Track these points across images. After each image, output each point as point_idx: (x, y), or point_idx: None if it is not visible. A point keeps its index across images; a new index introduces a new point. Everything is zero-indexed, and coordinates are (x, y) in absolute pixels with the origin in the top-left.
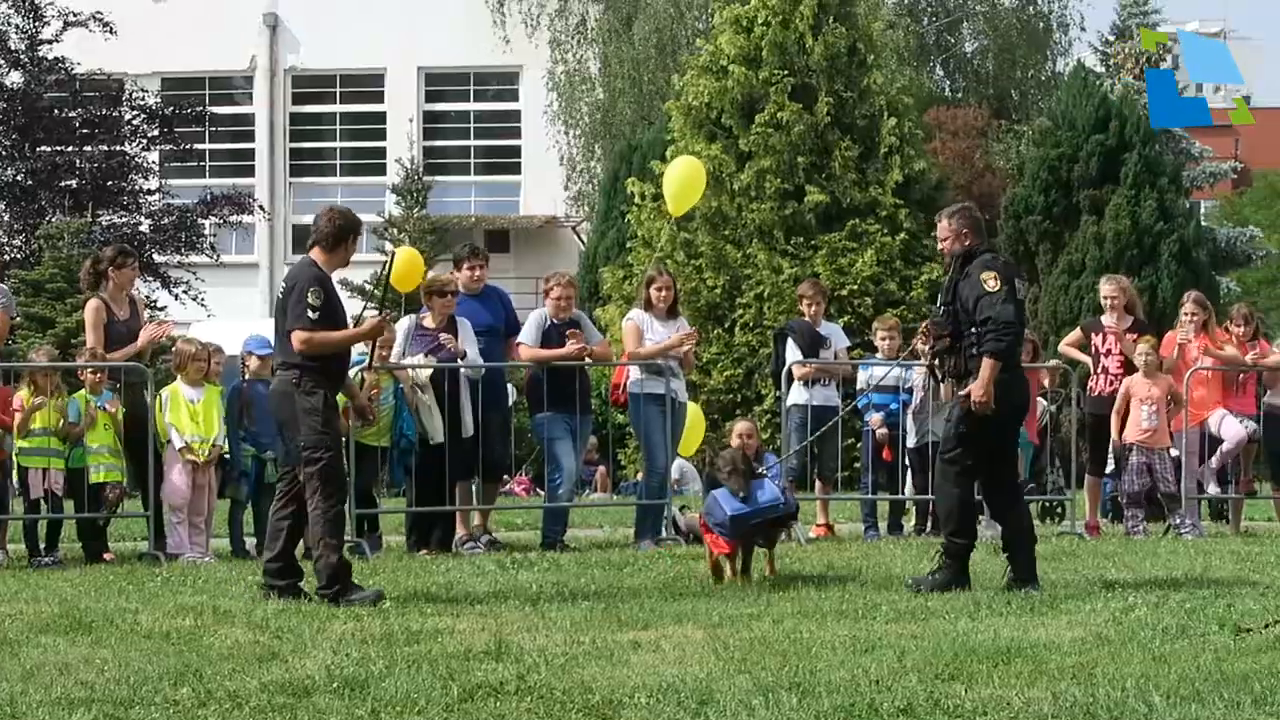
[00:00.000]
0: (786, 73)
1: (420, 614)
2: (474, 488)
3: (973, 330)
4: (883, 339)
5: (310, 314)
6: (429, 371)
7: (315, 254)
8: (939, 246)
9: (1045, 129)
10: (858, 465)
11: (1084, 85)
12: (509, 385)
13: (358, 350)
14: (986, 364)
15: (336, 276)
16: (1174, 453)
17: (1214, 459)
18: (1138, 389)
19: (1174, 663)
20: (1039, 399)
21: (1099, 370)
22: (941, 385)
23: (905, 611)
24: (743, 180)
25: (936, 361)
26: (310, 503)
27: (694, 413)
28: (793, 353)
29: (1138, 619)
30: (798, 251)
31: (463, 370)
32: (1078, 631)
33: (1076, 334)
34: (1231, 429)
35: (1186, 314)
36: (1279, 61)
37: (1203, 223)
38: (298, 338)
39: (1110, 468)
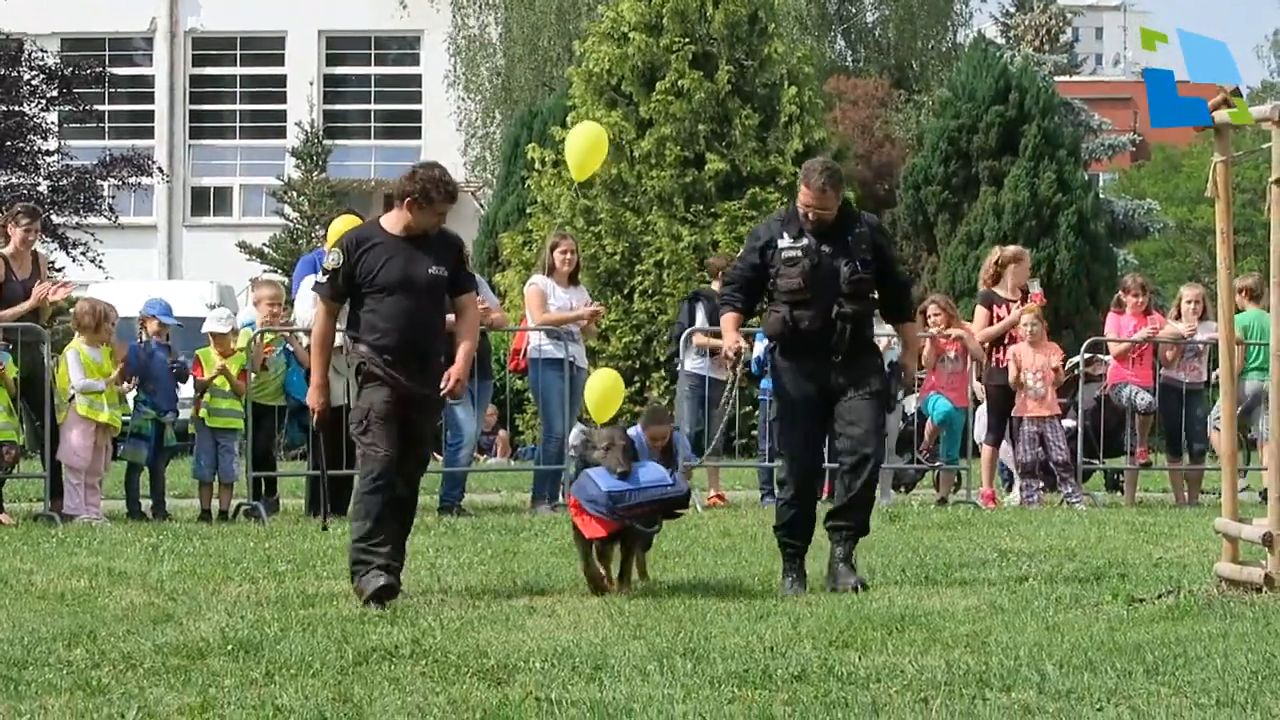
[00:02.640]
0: (687, 40)
1: (316, 577)
2: None
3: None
4: None
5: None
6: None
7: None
8: (809, 214)
9: (945, 100)
10: (755, 433)
11: (984, 56)
12: None
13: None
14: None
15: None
16: (1067, 423)
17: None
18: (1025, 359)
19: (1067, 632)
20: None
21: (1006, 341)
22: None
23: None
24: (643, 147)
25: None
26: None
27: (611, 378)
28: (700, 320)
29: (1031, 588)
30: (697, 219)
31: None
32: (972, 600)
33: (982, 314)
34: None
35: (1189, 301)
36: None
37: (1101, 195)
38: None
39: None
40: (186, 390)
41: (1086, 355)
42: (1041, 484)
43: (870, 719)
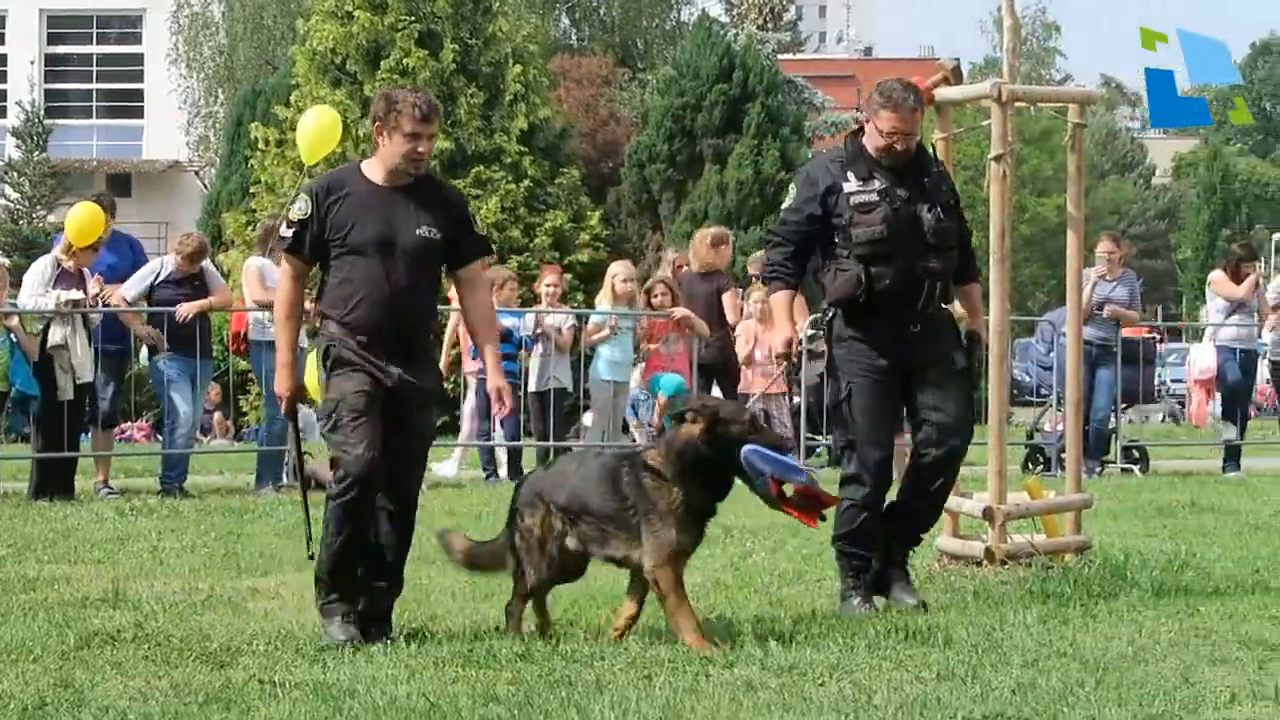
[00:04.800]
0: (412, 19)
1: (37, 561)
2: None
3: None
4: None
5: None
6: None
7: None
8: (895, 143)
9: (669, 78)
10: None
11: (708, 35)
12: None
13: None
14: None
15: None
16: (796, 400)
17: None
18: (751, 337)
19: (790, 607)
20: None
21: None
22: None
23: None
24: (367, 126)
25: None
26: None
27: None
28: None
29: (755, 564)
30: None
31: (89, 317)
32: (696, 577)
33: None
34: None
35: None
36: (896, 13)
37: None
38: None
39: None
40: None
41: (810, 332)
42: None
43: (594, 697)
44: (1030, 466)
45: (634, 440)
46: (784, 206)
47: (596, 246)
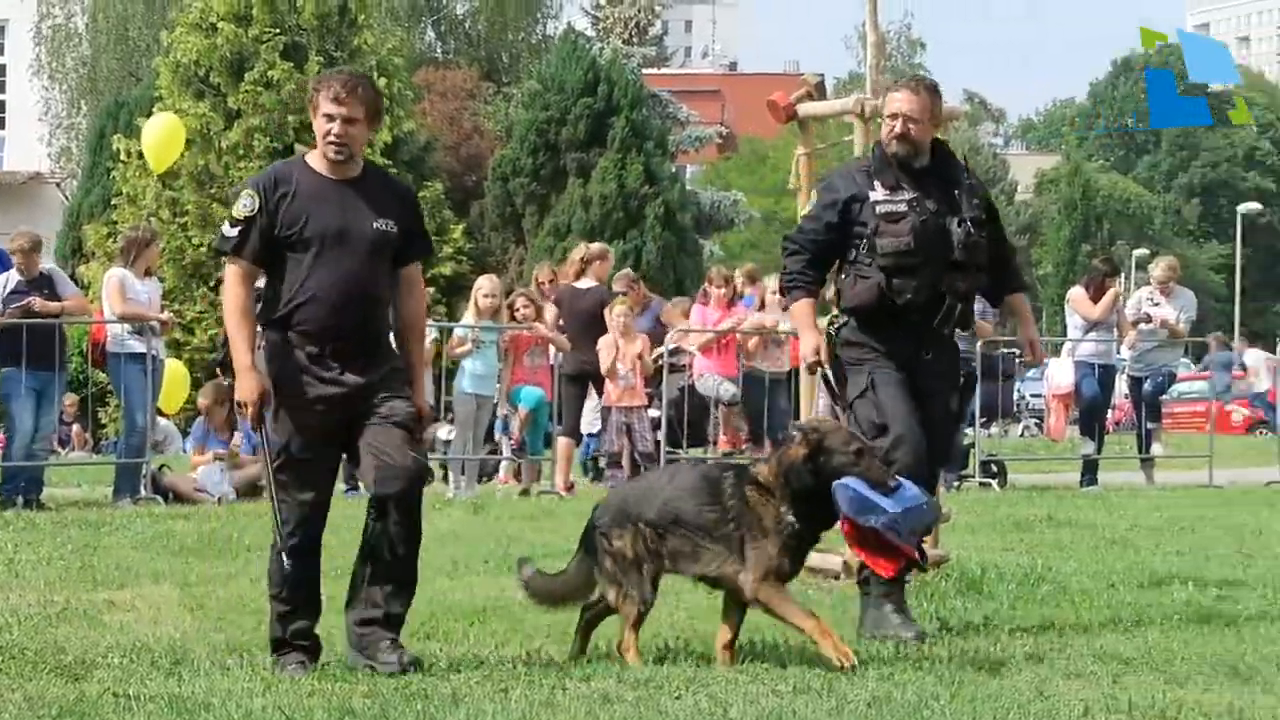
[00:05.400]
0: (277, 31)
1: None
2: None
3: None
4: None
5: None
6: None
7: None
8: (895, 126)
9: (534, 92)
10: None
11: (574, 49)
12: None
13: None
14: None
15: None
16: (653, 413)
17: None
18: (613, 350)
19: (649, 621)
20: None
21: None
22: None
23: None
24: (231, 138)
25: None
26: None
27: (177, 370)
28: None
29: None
30: None
31: None
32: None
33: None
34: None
35: (774, 292)
36: (763, 28)
37: (688, 186)
38: None
39: (597, 428)
40: None
41: (672, 346)
42: (626, 474)
43: (450, 710)
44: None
45: (497, 452)
46: (803, 214)
47: (460, 260)
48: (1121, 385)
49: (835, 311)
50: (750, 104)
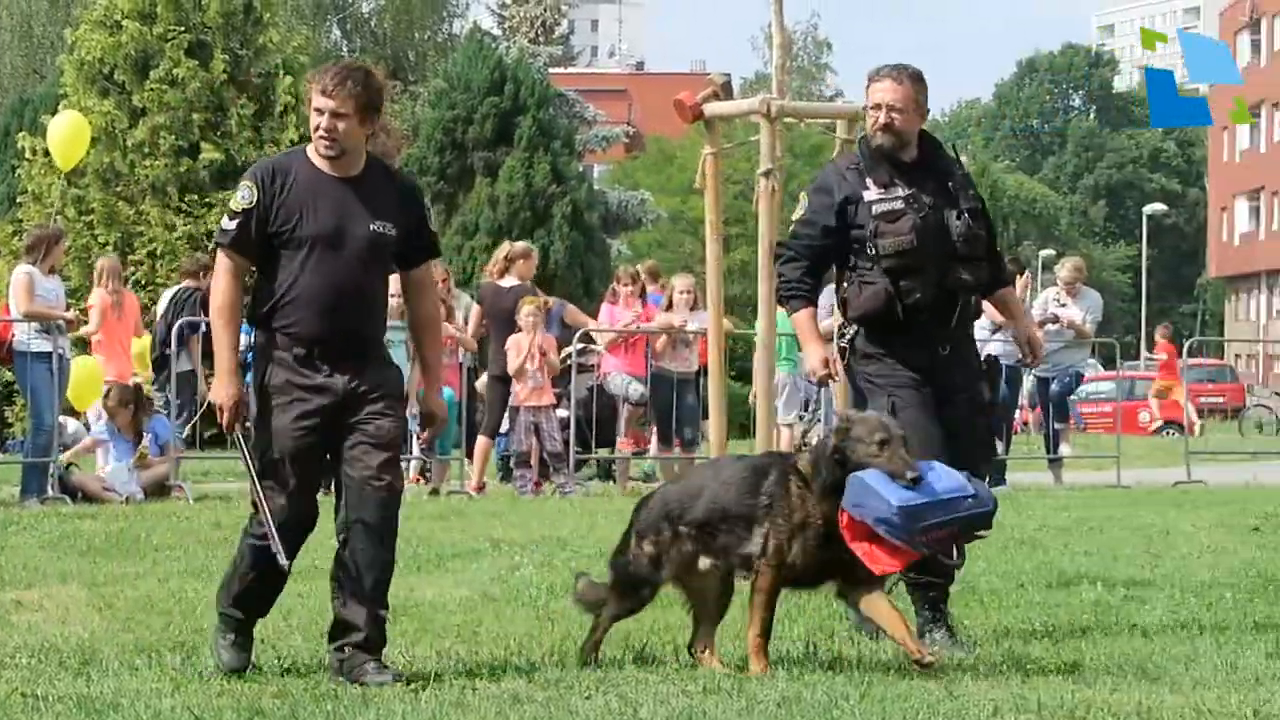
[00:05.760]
0: (182, 29)
1: None
2: None
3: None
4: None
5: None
6: None
7: None
8: (879, 117)
9: (440, 91)
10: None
11: (480, 48)
12: None
13: None
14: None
15: None
16: (561, 412)
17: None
18: (521, 349)
19: (559, 621)
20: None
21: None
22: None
23: (295, 572)
24: (136, 136)
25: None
26: None
27: (91, 366)
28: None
29: (523, 578)
30: (192, 209)
31: None
32: (464, 591)
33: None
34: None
35: (681, 292)
36: (670, 28)
37: (595, 186)
38: None
39: (505, 428)
40: None
41: (579, 345)
42: (534, 474)
43: (360, 710)
44: None
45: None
46: (795, 218)
47: None
48: (1028, 385)
49: (843, 321)
50: (657, 104)
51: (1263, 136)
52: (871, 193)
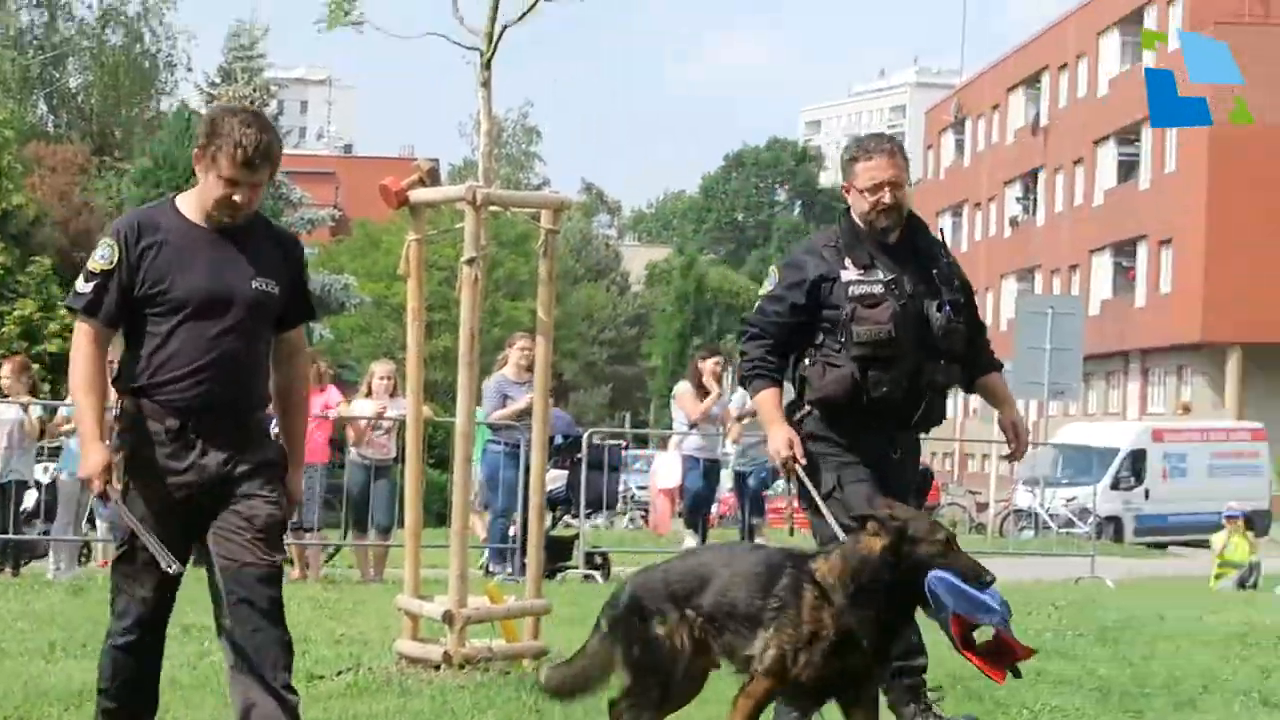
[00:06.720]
0: None
1: None
2: None
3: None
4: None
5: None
6: None
7: None
8: (883, 198)
9: (146, 169)
10: None
11: (187, 126)
12: None
13: None
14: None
15: None
16: None
17: None
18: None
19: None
20: None
21: None
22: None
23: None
24: None
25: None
26: None
27: None
28: None
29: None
30: None
31: None
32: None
33: None
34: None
35: (381, 378)
36: (380, 111)
37: None
38: None
39: None
40: None
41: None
42: None
43: None
44: (490, 571)
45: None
46: (762, 293)
47: (67, 337)
48: (726, 479)
49: (792, 401)
50: (364, 187)
51: (964, 239)
52: (850, 273)
